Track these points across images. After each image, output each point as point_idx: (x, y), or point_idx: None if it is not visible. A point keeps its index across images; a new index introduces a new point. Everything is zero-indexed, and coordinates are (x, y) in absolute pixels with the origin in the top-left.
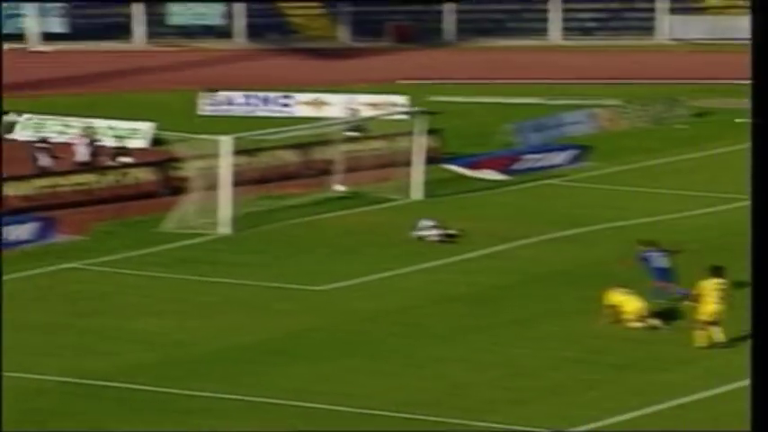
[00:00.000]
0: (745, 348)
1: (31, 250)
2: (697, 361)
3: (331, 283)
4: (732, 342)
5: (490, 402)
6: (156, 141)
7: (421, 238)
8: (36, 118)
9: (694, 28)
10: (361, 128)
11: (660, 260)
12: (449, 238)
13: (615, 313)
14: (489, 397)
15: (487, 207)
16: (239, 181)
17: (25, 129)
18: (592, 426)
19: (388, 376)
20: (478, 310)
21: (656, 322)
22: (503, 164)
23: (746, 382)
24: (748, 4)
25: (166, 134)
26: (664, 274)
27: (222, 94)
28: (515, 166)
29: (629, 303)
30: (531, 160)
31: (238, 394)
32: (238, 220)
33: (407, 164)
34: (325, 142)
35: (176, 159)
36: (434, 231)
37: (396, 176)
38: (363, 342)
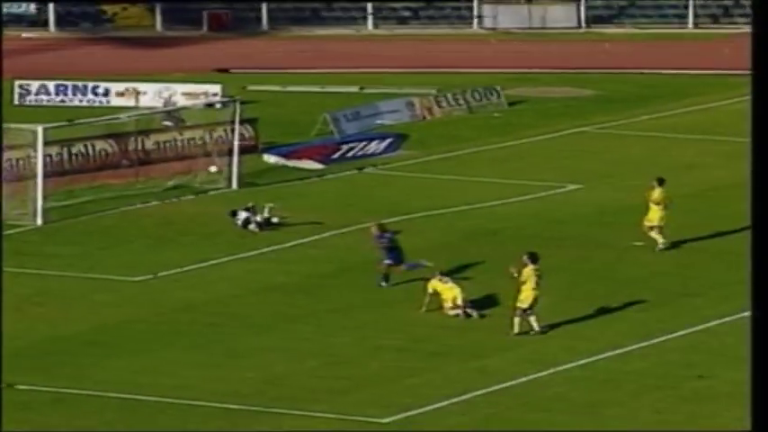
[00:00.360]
0: (560, 333)
1: None
2: (512, 348)
3: (149, 273)
4: (545, 328)
5: (310, 391)
6: None
7: (242, 228)
8: None
9: (507, 17)
10: (176, 117)
11: (393, 241)
12: (267, 228)
13: (435, 301)
14: (309, 386)
15: (305, 197)
16: (52, 172)
17: None
18: (409, 413)
19: (208, 367)
20: (297, 299)
21: (471, 310)
22: (320, 153)
23: (561, 368)
24: None
25: None
26: (396, 255)
27: (35, 84)
28: (333, 156)
29: (447, 291)
30: (348, 149)
31: (54, 387)
32: (51, 212)
33: (224, 153)
34: (140, 132)
35: None
36: (252, 221)
37: (212, 166)
38: (183, 333)
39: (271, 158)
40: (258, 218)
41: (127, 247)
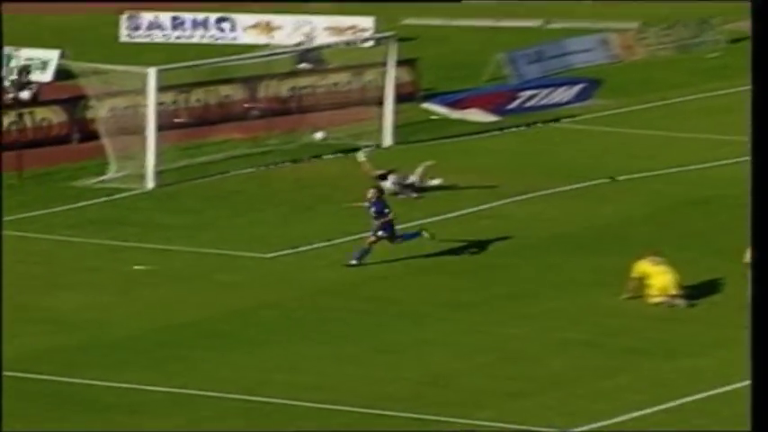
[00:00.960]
0: None
1: None
2: (730, 344)
3: (283, 249)
4: None
5: (480, 394)
6: (63, 74)
7: (395, 194)
8: None
9: None
10: (316, 58)
11: (388, 210)
12: (426, 194)
13: (640, 287)
14: (478, 388)
15: (474, 155)
16: (167, 124)
17: None
18: (602, 423)
19: (355, 364)
20: (464, 281)
21: (680, 300)
22: (493, 102)
23: None
24: None
25: (75, 65)
26: (390, 227)
27: (146, 16)
28: (509, 106)
29: (659, 276)
30: (528, 98)
31: (166, 386)
32: (167, 173)
33: (375, 102)
34: (273, 76)
35: (88, 97)
36: (409, 185)
37: (361, 118)
38: (324, 322)
39: (433, 108)
40: (410, 179)
41: (256, 217)
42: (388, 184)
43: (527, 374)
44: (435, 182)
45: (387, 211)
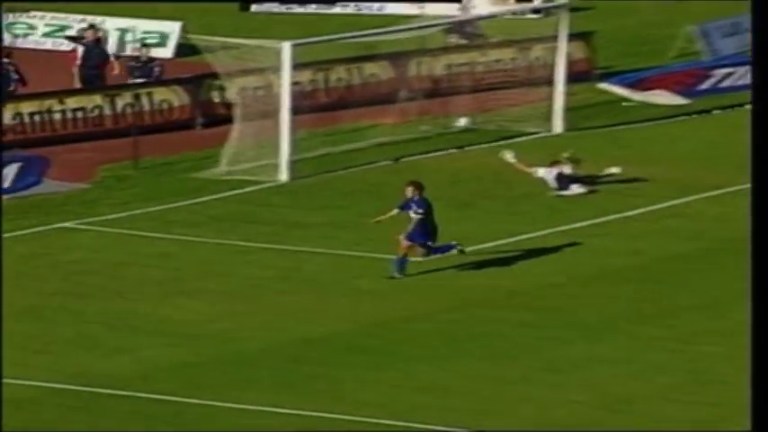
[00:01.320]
0: None
1: (11, 203)
2: None
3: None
4: None
5: (662, 421)
6: (184, 49)
7: (559, 189)
8: (13, 15)
9: None
10: (472, 31)
11: (428, 212)
12: (600, 187)
13: None
14: (661, 414)
15: (659, 144)
16: (303, 107)
17: None
18: None
19: (519, 384)
20: (645, 290)
21: None
22: (682, 82)
23: None
24: None
25: (199, 39)
26: (424, 231)
27: None
28: (700, 86)
29: None
30: (723, 77)
31: (300, 408)
32: (303, 163)
33: (543, 83)
34: (424, 52)
35: (214, 75)
36: (577, 178)
37: (526, 101)
38: (482, 336)
39: (611, 89)
40: (566, 172)
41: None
42: (549, 179)
43: (719, 399)
44: (612, 170)
45: (421, 211)
